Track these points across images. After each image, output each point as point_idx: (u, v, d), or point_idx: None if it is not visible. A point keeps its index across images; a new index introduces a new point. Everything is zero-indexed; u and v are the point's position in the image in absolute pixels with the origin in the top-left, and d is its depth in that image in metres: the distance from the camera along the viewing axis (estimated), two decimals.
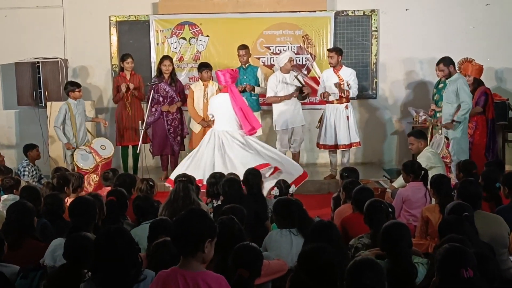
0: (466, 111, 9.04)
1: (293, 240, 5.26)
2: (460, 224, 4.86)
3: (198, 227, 3.70)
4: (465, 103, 9.02)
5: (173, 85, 10.56)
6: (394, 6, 11.55)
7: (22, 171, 9.64)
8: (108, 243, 3.97)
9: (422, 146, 8.23)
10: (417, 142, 8.24)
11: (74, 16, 11.76)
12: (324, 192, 10.07)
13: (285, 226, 5.37)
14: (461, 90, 9.05)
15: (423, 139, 8.31)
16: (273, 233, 5.41)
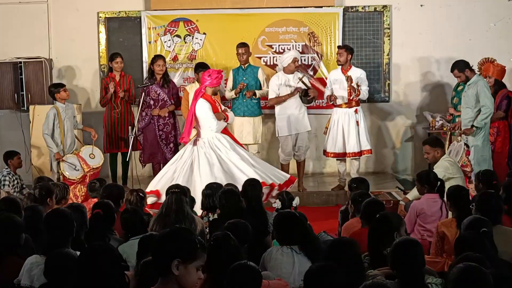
0: (487, 116, 9.02)
1: (295, 258, 5.22)
2: (478, 241, 4.83)
3: (163, 246, 3.69)
4: (486, 107, 9.01)
5: (166, 87, 10.56)
6: (408, 2, 11.54)
7: (2, 181, 9.63)
8: (92, 262, 3.95)
9: (439, 155, 8.18)
10: (433, 150, 8.20)
11: (60, 13, 11.77)
12: (332, 204, 10.06)
13: (286, 242, 5.34)
14: (481, 93, 9.03)
15: (440, 147, 8.27)
16: (273, 250, 5.34)
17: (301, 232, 5.35)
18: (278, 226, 5.46)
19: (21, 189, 9.77)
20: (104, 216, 5.95)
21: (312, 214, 8.89)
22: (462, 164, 8.83)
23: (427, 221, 6.99)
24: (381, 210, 5.86)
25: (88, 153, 9.98)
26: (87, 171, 9.81)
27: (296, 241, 5.31)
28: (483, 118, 9.02)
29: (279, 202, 7.41)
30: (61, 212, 5.24)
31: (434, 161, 8.22)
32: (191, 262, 3.68)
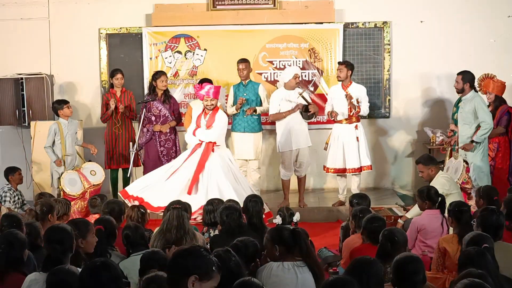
0: (487, 131, 9.05)
1: (298, 274, 5.13)
2: (481, 257, 4.83)
3: (182, 261, 3.70)
4: (486, 122, 9.03)
5: (167, 102, 10.58)
6: (408, 18, 11.58)
7: (3, 197, 9.64)
8: (94, 278, 3.96)
9: (433, 173, 8.21)
10: (427, 169, 8.23)
11: (61, 29, 11.80)
12: (333, 220, 10.05)
13: (288, 258, 5.25)
14: (479, 109, 9.07)
15: (433, 165, 8.29)
16: (273, 266, 5.19)
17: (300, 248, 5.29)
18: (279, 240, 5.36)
19: (22, 205, 9.77)
20: (105, 232, 5.95)
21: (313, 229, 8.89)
22: (462, 181, 8.83)
23: (428, 237, 7.00)
24: (382, 226, 5.86)
25: (89, 169, 9.99)
26: (88, 188, 9.81)
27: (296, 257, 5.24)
28: (483, 134, 9.05)
29: (279, 218, 7.40)
30: (61, 228, 5.22)
31: (429, 179, 8.24)
32: (206, 281, 3.70)
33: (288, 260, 5.19)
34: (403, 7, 11.55)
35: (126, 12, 11.70)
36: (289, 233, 5.31)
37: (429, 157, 8.58)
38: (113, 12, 11.73)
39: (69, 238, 5.11)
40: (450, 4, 11.51)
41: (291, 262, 5.18)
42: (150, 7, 11.66)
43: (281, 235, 5.29)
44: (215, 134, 9.15)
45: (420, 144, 11.65)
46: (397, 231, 5.62)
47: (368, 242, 6.04)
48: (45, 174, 10.61)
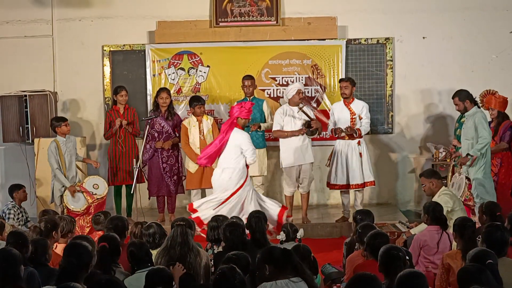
0: (483, 146, 9.05)
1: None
2: (482, 274, 4.83)
3: None
4: (483, 137, 9.05)
5: (170, 119, 10.59)
6: (411, 34, 11.63)
7: (7, 214, 9.64)
8: None
9: (434, 186, 8.20)
10: (428, 182, 8.23)
11: (65, 46, 11.87)
12: (336, 236, 10.04)
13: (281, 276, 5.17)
14: (479, 125, 9.09)
15: (435, 179, 8.27)
16: (266, 286, 5.13)
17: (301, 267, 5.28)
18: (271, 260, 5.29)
19: (25, 222, 9.77)
20: (110, 249, 5.95)
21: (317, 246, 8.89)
22: (465, 198, 8.83)
23: (431, 253, 6.98)
24: (386, 243, 5.85)
25: (92, 183, 10.00)
26: (91, 202, 9.83)
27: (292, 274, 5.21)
28: (479, 148, 9.06)
29: (283, 234, 7.39)
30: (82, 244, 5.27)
31: (430, 193, 8.24)
32: None
33: (280, 278, 5.15)
34: (406, 23, 11.60)
35: (129, 29, 11.76)
36: (280, 252, 5.28)
37: (432, 171, 8.60)
38: (116, 30, 11.79)
39: (88, 255, 5.16)
40: (452, 21, 11.56)
41: (284, 280, 5.14)
42: (153, 24, 11.71)
43: (271, 255, 5.27)
44: (253, 155, 9.44)
45: (423, 159, 11.65)
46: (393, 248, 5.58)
47: (371, 258, 6.02)
48: (48, 191, 10.60)
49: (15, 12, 11.79)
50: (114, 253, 6.05)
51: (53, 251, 6.54)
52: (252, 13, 11.60)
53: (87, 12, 11.79)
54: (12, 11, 11.78)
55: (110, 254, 5.94)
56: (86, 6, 11.76)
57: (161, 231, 6.72)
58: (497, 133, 9.88)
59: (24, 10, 11.77)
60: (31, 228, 7.16)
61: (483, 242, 5.81)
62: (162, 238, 6.54)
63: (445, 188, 8.31)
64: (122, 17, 11.79)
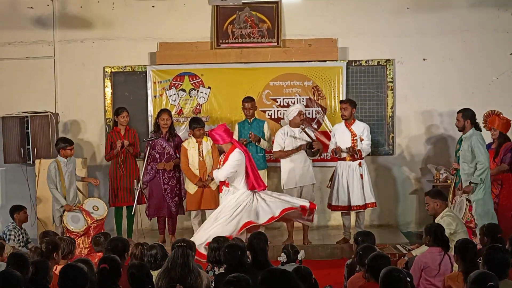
0: (482, 172, 9.04)
1: None
2: None
3: None
4: (481, 162, 9.04)
5: (171, 140, 10.60)
6: (411, 56, 11.67)
7: (7, 235, 9.62)
8: None
9: (438, 207, 8.18)
10: (433, 202, 8.21)
11: (66, 67, 11.91)
12: (337, 257, 10.02)
13: None
14: (475, 148, 9.08)
15: (440, 199, 8.25)
16: None
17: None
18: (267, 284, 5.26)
19: (26, 243, 9.75)
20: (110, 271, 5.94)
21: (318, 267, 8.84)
22: (466, 220, 8.81)
23: (432, 274, 6.94)
24: (387, 265, 5.84)
25: (92, 205, 10.00)
26: (91, 223, 9.82)
27: None
28: (479, 174, 9.05)
29: (284, 256, 7.37)
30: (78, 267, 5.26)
31: (433, 213, 8.22)
32: None
33: None
34: (406, 45, 11.65)
35: (131, 51, 11.81)
36: (279, 275, 5.23)
37: (438, 191, 8.54)
38: (117, 51, 11.84)
39: (84, 278, 5.15)
40: (452, 42, 11.60)
41: None
42: (155, 46, 11.76)
43: (271, 277, 5.22)
44: (223, 173, 9.20)
45: (424, 181, 11.65)
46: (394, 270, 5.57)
47: (372, 280, 6.00)
48: (49, 212, 10.58)
49: (17, 34, 11.84)
50: (115, 275, 6.03)
51: (54, 273, 6.52)
52: (253, 34, 11.65)
53: (89, 33, 11.84)
54: (14, 32, 11.83)
55: (111, 275, 5.93)
56: (88, 27, 11.81)
57: (163, 253, 6.71)
58: (498, 154, 9.87)
59: (26, 32, 11.82)
60: (32, 250, 7.15)
61: (485, 264, 5.79)
62: (163, 259, 6.51)
63: (448, 210, 8.29)
64: (123, 39, 11.84)
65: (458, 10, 11.56)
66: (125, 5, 11.86)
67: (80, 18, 11.83)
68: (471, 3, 11.52)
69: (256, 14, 11.65)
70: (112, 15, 11.86)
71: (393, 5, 11.64)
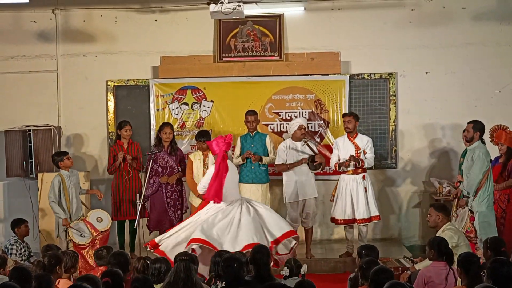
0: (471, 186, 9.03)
1: None
2: None
3: None
4: (472, 175, 9.03)
5: (173, 154, 10.60)
6: (414, 69, 11.67)
7: (9, 249, 9.61)
8: None
9: (440, 220, 8.20)
10: (435, 214, 8.23)
11: (69, 81, 11.94)
12: (340, 271, 9.99)
13: None
14: (475, 161, 9.07)
15: (443, 214, 8.26)
16: None
17: None
18: None
19: (28, 257, 9.74)
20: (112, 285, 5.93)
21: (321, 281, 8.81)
22: (466, 230, 8.82)
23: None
24: (390, 278, 5.83)
25: (96, 217, 9.99)
26: (96, 235, 9.81)
27: None
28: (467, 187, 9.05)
29: (287, 270, 7.36)
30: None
31: (434, 225, 8.27)
32: None
33: None
34: (409, 58, 11.65)
35: (133, 65, 11.84)
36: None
37: (443, 206, 8.55)
38: (120, 65, 11.87)
39: None
40: (455, 56, 11.61)
41: None
42: (157, 59, 11.79)
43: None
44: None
45: (427, 194, 11.63)
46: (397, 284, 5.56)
47: None
48: (52, 226, 10.58)
49: (19, 48, 11.89)
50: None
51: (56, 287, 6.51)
52: (255, 48, 11.67)
53: (92, 47, 11.88)
54: (17, 46, 11.88)
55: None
56: (91, 41, 11.85)
57: (167, 266, 6.70)
58: (506, 168, 9.80)
59: (29, 46, 11.87)
60: (35, 263, 7.14)
61: (489, 278, 5.77)
62: (167, 273, 6.51)
63: (449, 223, 8.29)
64: (126, 52, 11.87)
65: (461, 24, 11.57)
66: (128, 19, 11.90)
67: (83, 32, 11.88)
68: (474, 17, 11.53)
69: (258, 28, 11.68)
70: (115, 29, 11.90)
71: (396, 18, 11.66)
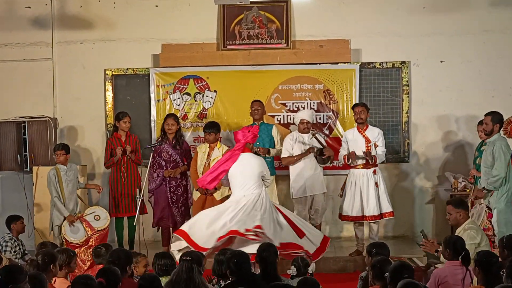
0: (496, 180, 8.93)
1: None
2: None
3: None
4: (497, 170, 8.94)
5: (178, 147, 10.51)
6: (428, 58, 11.60)
7: (3, 246, 9.57)
8: None
9: (461, 217, 8.05)
10: (456, 212, 8.08)
11: (65, 70, 11.90)
12: (349, 270, 9.92)
13: None
14: (496, 154, 8.97)
15: (463, 209, 8.12)
16: None
17: None
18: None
19: (23, 255, 9.69)
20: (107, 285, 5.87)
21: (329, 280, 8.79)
22: (483, 227, 8.72)
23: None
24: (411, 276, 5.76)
25: (93, 215, 9.95)
26: (91, 234, 9.77)
27: None
28: (493, 182, 8.95)
29: (294, 269, 7.32)
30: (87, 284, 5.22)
31: (456, 223, 8.09)
32: None
33: None
34: (422, 46, 11.59)
35: (133, 53, 11.79)
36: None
37: (461, 201, 8.40)
38: (119, 53, 11.81)
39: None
40: (471, 44, 11.55)
41: None
42: (158, 47, 11.73)
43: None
44: None
45: (441, 190, 11.57)
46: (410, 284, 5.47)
47: None
48: (47, 222, 10.55)
49: (13, 34, 11.84)
50: None
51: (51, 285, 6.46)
52: (261, 35, 11.60)
53: (89, 34, 11.83)
54: (11, 33, 11.83)
55: None
56: (88, 28, 11.79)
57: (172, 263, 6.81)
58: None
59: (23, 32, 11.82)
60: (28, 262, 7.09)
61: (508, 277, 5.71)
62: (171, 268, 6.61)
63: (470, 221, 8.15)
64: (125, 40, 11.82)
65: (478, 10, 11.50)
66: (127, 4, 11.85)
67: (80, 18, 11.82)
68: (491, 2, 11.46)
69: (264, 14, 11.61)
70: (114, 15, 11.85)
71: (409, 4, 11.59)
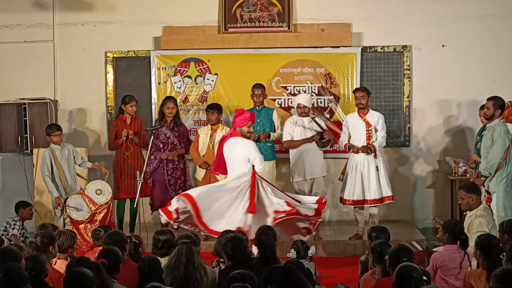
0: (491, 166, 8.92)
1: None
2: None
3: None
4: (491, 155, 8.92)
5: (176, 130, 10.51)
6: (429, 42, 11.55)
7: (12, 225, 9.69)
8: None
9: (473, 202, 7.97)
10: (468, 197, 7.99)
11: (66, 52, 11.84)
12: (349, 254, 9.95)
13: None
14: (495, 139, 8.95)
15: (475, 194, 8.03)
16: None
17: None
18: None
19: (24, 240, 9.72)
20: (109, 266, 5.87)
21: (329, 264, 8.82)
22: None
23: (449, 273, 6.84)
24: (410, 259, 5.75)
25: (95, 189, 9.94)
26: (95, 210, 9.78)
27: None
28: (488, 168, 8.93)
29: (294, 252, 7.35)
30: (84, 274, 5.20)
31: (468, 208, 8.01)
32: None
33: None
34: (424, 30, 11.53)
35: (134, 35, 11.73)
36: (282, 272, 5.28)
37: (473, 185, 8.32)
38: (120, 35, 11.76)
39: (90, 284, 5.11)
40: (473, 28, 11.49)
41: None
42: (159, 30, 11.68)
43: (273, 275, 5.27)
44: None
45: (442, 174, 11.55)
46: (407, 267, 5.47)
47: None
48: (48, 204, 10.56)
49: (14, 16, 11.78)
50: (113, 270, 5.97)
51: (50, 266, 6.45)
52: (262, 18, 11.55)
53: (90, 16, 11.77)
54: (11, 14, 11.77)
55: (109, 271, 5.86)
56: (89, 10, 11.73)
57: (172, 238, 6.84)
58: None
59: (24, 14, 11.76)
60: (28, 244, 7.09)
61: (508, 261, 5.71)
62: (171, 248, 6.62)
63: (483, 207, 8.06)
64: (126, 22, 11.76)
65: None
66: None
67: (81, 0, 11.74)
68: None
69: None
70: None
71: None
